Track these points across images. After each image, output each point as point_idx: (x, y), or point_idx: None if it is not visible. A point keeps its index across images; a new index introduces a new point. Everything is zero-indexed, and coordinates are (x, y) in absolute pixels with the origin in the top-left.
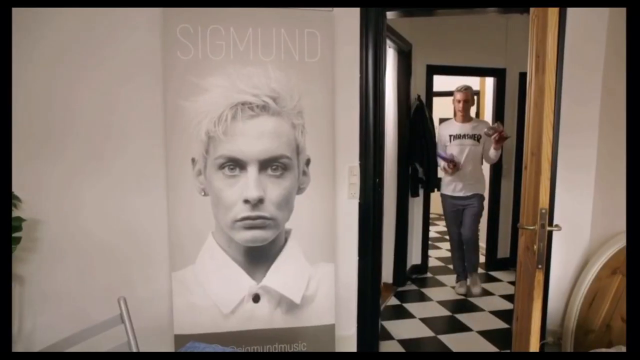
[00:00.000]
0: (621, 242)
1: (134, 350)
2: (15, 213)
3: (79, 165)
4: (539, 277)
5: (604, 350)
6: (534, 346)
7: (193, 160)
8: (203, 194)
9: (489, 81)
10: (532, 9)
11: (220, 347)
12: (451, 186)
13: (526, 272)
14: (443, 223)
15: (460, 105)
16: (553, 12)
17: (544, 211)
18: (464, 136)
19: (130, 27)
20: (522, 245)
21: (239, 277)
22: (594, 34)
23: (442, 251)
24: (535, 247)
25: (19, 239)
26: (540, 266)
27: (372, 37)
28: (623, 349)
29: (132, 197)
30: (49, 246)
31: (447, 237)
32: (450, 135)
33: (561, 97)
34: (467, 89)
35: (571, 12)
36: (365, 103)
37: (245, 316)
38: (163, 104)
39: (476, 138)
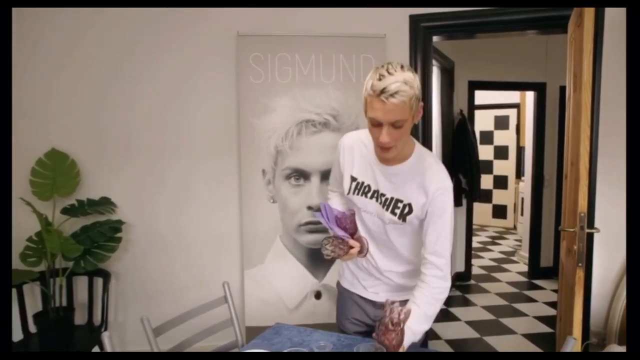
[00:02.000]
0: None
1: (236, 326)
2: (114, 217)
3: (164, 179)
4: (580, 274)
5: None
6: (577, 345)
7: (263, 171)
8: (272, 201)
9: (529, 95)
10: (569, 32)
11: (302, 329)
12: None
13: (568, 272)
14: (486, 234)
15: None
16: (588, 40)
17: (582, 214)
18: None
19: (209, 54)
20: (563, 249)
21: (303, 276)
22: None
23: (485, 260)
24: (575, 247)
25: (120, 239)
26: (580, 264)
27: (421, 58)
28: None
29: (210, 204)
30: (137, 246)
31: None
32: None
33: (599, 113)
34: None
35: (607, 35)
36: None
37: (308, 311)
38: (237, 121)
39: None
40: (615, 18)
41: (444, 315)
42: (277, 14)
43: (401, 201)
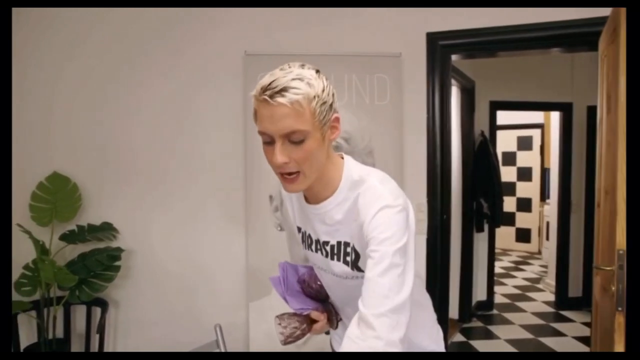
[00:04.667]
0: None
1: None
2: (114, 244)
3: (168, 202)
4: (620, 319)
5: None
6: None
7: (270, 197)
8: (279, 229)
9: (554, 115)
10: (600, 49)
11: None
12: None
13: (604, 315)
14: (509, 258)
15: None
16: (623, 57)
17: (621, 252)
18: (323, 243)
19: (215, 72)
20: (597, 286)
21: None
22: None
23: (508, 287)
24: (613, 288)
25: (118, 268)
26: (620, 308)
27: (439, 78)
28: None
29: (214, 230)
30: (139, 274)
31: (513, 272)
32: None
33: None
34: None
35: None
36: (433, 141)
37: (317, 347)
38: (244, 145)
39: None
40: None
41: (464, 350)
42: (286, 32)
43: (348, 244)
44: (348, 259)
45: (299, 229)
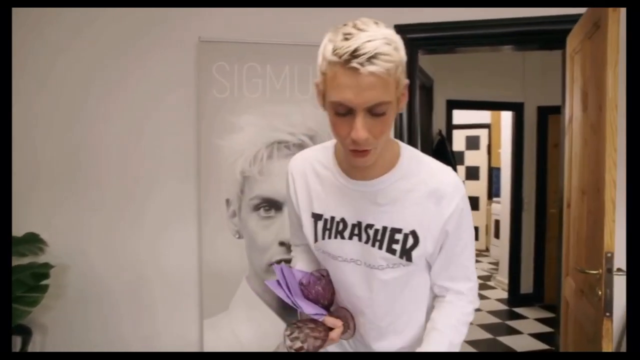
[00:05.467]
0: None
1: None
2: (42, 259)
3: (106, 207)
4: (607, 325)
5: None
6: None
7: (227, 201)
8: (237, 236)
9: (505, 115)
10: (570, 46)
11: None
12: None
13: (584, 319)
14: None
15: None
16: (613, 51)
17: (609, 255)
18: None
19: (163, 61)
20: (570, 288)
21: (274, 324)
22: None
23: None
24: (600, 292)
25: (46, 287)
26: (608, 314)
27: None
28: None
29: (163, 240)
30: (76, 292)
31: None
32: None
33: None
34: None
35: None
36: (400, 138)
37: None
38: (197, 142)
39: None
40: None
41: None
42: (246, 17)
43: (399, 230)
44: (395, 247)
45: (317, 217)
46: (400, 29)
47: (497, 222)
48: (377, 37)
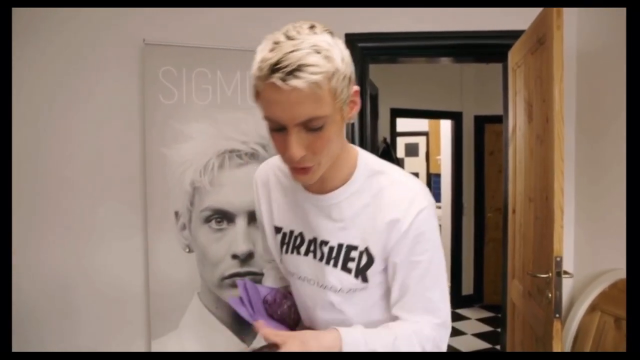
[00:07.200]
0: (606, 282)
1: None
2: None
3: (46, 220)
4: (557, 326)
5: None
6: None
7: (176, 213)
8: (187, 250)
9: (444, 124)
10: (513, 60)
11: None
12: None
13: (533, 320)
14: None
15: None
16: (558, 66)
17: (559, 259)
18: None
19: (106, 66)
20: (516, 290)
21: (229, 341)
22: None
23: None
24: (550, 295)
25: None
26: (557, 315)
27: (358, 83)
28: None
29: (106, 256)
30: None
31: None
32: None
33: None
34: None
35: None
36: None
37: None
38: (142, 152)
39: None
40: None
41: None
42: (194, 19)
43: (355, 248)
44: (351, 265)
45: (278, 230)
46: (348, 38)
47: (439, 227)
48: (303, 46)
